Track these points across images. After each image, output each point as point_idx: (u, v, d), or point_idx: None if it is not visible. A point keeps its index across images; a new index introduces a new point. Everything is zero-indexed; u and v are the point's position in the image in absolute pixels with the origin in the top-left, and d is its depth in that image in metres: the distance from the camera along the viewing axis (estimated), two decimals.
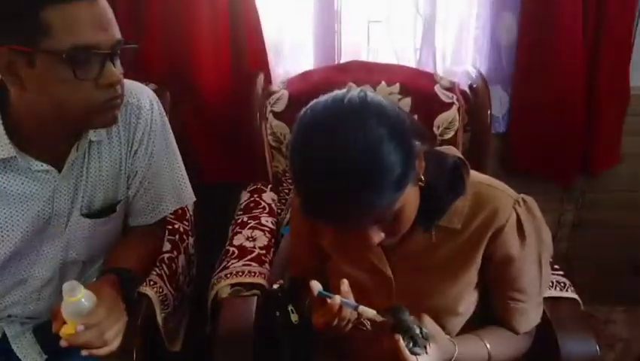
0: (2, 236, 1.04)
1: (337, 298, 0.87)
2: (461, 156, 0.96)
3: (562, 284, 1.21)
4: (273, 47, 1.69)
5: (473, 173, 0.96)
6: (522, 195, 0.97)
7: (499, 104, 1.80)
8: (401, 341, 0.85)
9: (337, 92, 0.80)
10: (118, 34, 0.93)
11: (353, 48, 1.74)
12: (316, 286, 0.88)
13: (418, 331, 0.86)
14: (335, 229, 0.91)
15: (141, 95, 1.12)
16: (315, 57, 1.75)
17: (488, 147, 1.62)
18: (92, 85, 0.91)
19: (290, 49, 1.74)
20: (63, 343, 0.91)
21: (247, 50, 1.62)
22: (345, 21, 1.72)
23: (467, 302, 0.99)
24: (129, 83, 1.10)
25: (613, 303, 2.08)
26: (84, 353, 0.91)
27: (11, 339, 1.14)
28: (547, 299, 1.16)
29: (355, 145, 0.74)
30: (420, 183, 0.86)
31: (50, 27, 0.85)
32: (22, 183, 1.02)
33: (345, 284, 0.90)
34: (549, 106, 1.73)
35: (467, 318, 1.01)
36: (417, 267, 0.98)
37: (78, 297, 0.91)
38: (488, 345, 0.98)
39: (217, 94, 1.66)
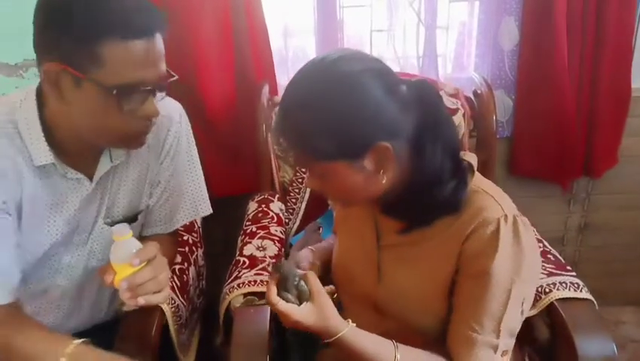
0: (33, 243, 1.03)
1: None
2: (473, 166, 0.92)
3: (576, 285, 1.20)
4: (276, 56, 1.70)
5: (479, 178, 0.92)
6: (520, 216, 0.88)
7: (503, 108, 1.81)
8: (272, 283, 0.87)
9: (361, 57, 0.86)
10: (164, 68, 0.93)
11: None
12: None
13: (296, 282, 0.87)
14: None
15: (172, 108, 1.13)
16: None
17: (494, 152, 1.62)
18: (131, 115, 0.91)
19: (293, 58, 1.75)
20: (125, 295, 0.89)
21: (252, 60, 1.63)
22: (348, 30, 1.73)
23: (440, 302, 0.92)
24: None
25: (622, 304, 2.09)
26: (141, 301, 0.90)
27: None
28: (561, 300, 1.16)
29: (304, 92, 0.83)
30: (382, 179, 0.85)
31: (104, 60, 0.85)
32: (56, 191, 1.02)
33: None
34: (551, 110, 1.74)
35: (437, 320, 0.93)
36: (401, 257, 0.96)
37: (129, 234, 0.92)
38: (398, 355, 0.87)
39: (223, 106, 1.66)
